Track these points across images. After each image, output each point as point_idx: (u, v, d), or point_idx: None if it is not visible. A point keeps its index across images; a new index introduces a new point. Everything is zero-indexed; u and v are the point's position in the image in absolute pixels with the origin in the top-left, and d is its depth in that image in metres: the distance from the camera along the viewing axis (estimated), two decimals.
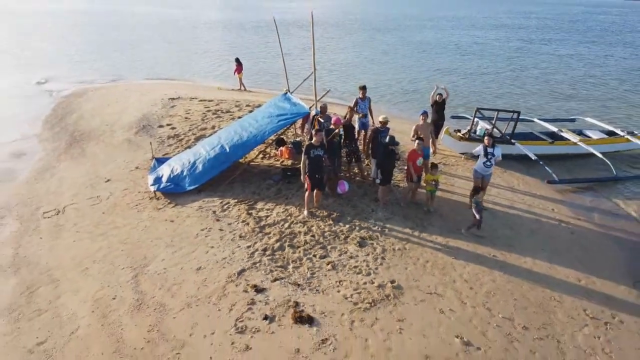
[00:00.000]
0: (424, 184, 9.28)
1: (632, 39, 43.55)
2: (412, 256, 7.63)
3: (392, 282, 6.93)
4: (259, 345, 5.68)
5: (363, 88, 11.17)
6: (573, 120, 15.84)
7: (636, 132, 14.07)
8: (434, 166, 9.22)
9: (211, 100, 16.85)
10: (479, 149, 9.30)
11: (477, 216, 8.11)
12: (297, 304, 6.36)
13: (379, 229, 8.42)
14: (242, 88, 20.00)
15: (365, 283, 6.89)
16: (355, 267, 7.28)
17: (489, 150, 8.99)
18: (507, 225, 9.02)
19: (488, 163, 9.07)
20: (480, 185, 9.10)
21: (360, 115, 11.27)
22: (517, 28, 51.37)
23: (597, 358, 5.87)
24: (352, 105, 11.03)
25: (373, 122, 11.45)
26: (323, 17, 65.11)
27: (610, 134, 13.84)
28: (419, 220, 8.85)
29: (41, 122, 16.08)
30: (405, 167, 10.81)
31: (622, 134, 13.67)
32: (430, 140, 10.81)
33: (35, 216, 9.33)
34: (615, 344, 6.15)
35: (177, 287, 6.79)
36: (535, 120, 14.64)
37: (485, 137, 9.33)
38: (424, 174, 9.35)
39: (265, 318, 6.10)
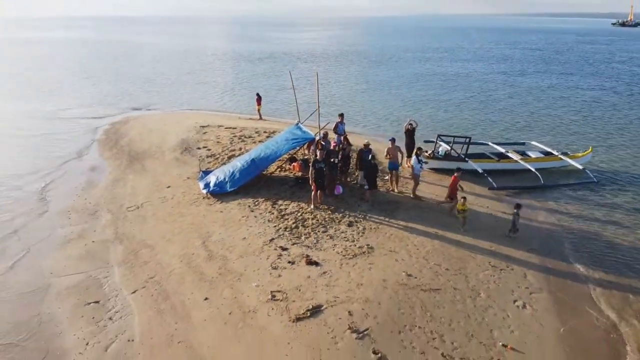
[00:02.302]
0: (457, 212, 12.44)
1: (605, 69, 47.55)
2: (382, 232, 11.62)
3: (368, 245, 10.89)
4: (286, 275, 9.63)
5: (341, 115, 16.09)
6: (523, 143, 19.91)
7: (569, 153, 18.12)
8: (464, 198, 12.52)
9: (235, 128, 21.09)
10: (416, 162, 13.60)
11: (517, 225, 11.74)
12: (308, 255, 10.32)
13: (363, 216, 12.42)
14: (259, 117, 24.28)
15: (350, 246, 10.86)
16: (345, 237, 11.26)
17: (419, 158, 13.59)
18: (452, 215, 13.00)
19: (423, 166, 13.83)
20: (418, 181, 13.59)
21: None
22: (501, 60, 56.14)
23: (488, 285, 9.75)
24: (333, 127, 15.61)
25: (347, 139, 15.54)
26: (322, 50, 70.51)
27: (548, 154, 17.87)
28: (390, 212, 12.84)
29: (97, 145, 20.30)
30: (385, 177, 14.94)
31: (556, 154, 17.69)
32: (403, 158, 14.91)
33: (121, 210, 13.34)
34: (503, 279, 10.02)
35: (232, 248, 10.77)
36: (489, 143, 18.72)
37: (417, 150, 13.87)
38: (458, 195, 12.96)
39: (289, 262, 10.06)
